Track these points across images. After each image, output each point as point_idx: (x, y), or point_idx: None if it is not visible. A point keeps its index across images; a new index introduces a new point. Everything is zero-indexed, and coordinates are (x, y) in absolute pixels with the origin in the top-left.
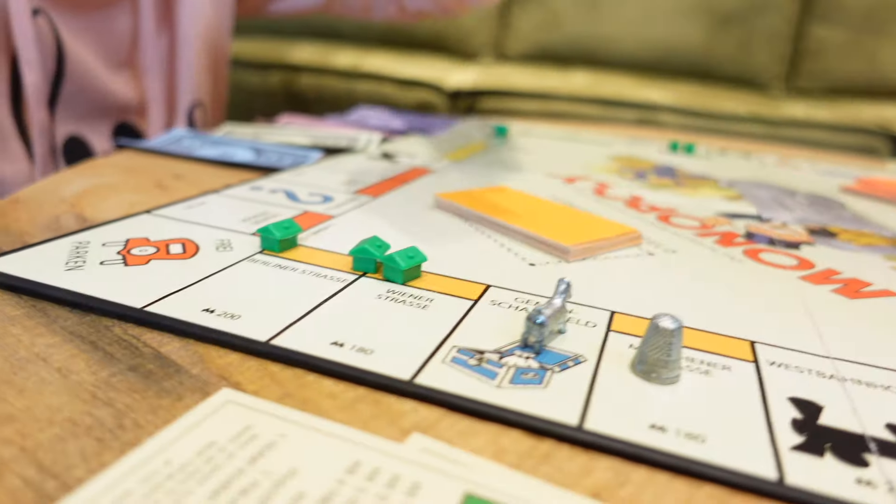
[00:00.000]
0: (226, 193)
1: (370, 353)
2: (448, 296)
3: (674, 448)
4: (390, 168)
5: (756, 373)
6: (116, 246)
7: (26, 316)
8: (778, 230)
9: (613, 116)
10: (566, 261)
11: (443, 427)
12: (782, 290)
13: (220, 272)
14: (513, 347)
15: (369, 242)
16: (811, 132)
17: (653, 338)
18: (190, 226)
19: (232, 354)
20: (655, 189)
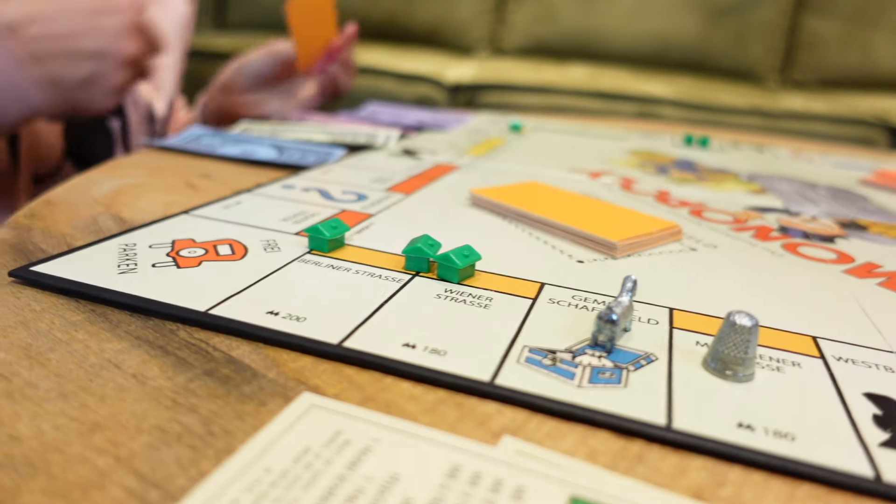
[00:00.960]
0: (259, 192)
1: (444, 354)
2: (506, 294)
3: (765, 446)
4: (415, 165)
5: (826, 368)
6: (164, 248)
7: (88, 321)
8: (809, 224)
9: (613, 110)
10: (613, 257)
11: (530, 429)
12: (829, 284)
13: (273, 273)
14: (583, 346)
15: (422, 241)
16: (809, 124)
17: (729, 335)
18: (232, 226)
19: (304, 358)
20: (680, 183)
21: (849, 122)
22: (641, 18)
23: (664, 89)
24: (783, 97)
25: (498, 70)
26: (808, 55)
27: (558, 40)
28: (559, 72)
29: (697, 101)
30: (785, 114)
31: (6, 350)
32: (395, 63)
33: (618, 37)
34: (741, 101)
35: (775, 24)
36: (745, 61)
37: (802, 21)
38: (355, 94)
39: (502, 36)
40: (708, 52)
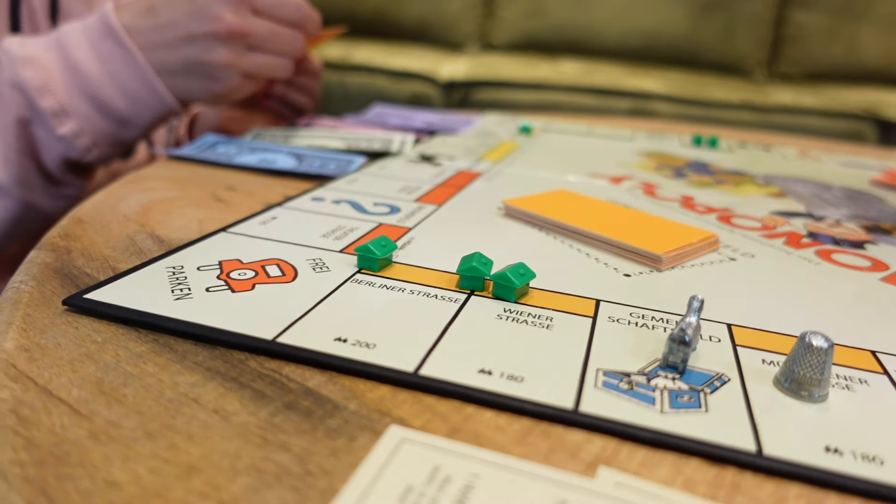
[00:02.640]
0: (290, 206)
1: (521, 380)
2: (565, 313)
3: (857, 471)
4: (437, 172)
5: (893, 385)
6: (213, 270)
7: (153, 352)
8: (835, 229)
9: (608, 106)
10: (658, 270)
11: (622, 458)
12: (871, 294)
13: (329, 296)
14: (655, 368)
15: (476, 260)
16: (800, 118)
17: (805, 356)
18: (274, 244)
19: (381, 387)
20: (700, 188)
21: (839, 116)
22: (630, 13)
23: (657, 84)
24: (772, 91)
25: (491, 66)
26: (795, 48)
27: (548, 35)
28: (552, 67)
29: (690, 96)
30: (776, 108)
31: (79, 386)
32: (386, 60)
33: (608, 31)
34: (733, 96)
35: (762, 17)
36: (732, 55)
37: (788, 14)
38: (348, 91)
39: (492, 31)
40: (696, 46)
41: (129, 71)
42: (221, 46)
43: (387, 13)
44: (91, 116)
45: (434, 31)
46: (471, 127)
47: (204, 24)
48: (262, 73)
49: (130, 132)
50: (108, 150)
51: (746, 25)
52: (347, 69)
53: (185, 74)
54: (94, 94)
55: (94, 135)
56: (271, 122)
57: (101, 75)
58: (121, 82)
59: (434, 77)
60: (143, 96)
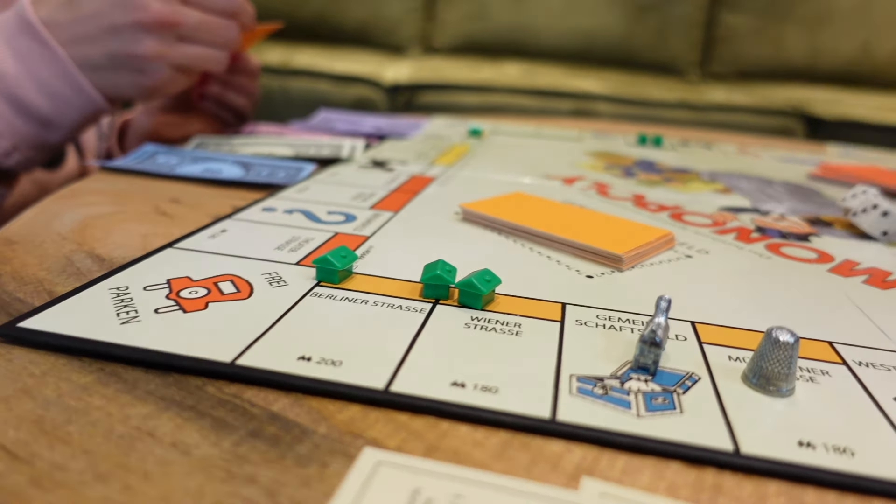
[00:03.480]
0: (240, 218)
1: (495, 391)
2: (532, 318)
3: (830, 464)
4: (390, 178)
5: (853, 375)
6: (161, 289)
7: (100, 383)
8: (781, 223)
9: (551, 107)
10: (619, 270)
11: (604, 467)
12: (821, 286)
13: (289, 312)
14: (627, 371)
15: (439, 268)
16: (733, 116)
17: (773, 352)
18: (226, 259)
19: (351, 407)
20: (650, 186)
21: (769, 113)
22: (569, 15)
23: (597, 85)
24: (705, 90)
25: (434, 69)
26: (725, 49)
27: (490, 38)
28: (494, 70)
29: (630, 96)
30: (710, 106)
31: (16, 426)
32: (328, 64)
33: (547, 34)
34: (669, 95)
35: (693, 19)
36: (667, 55)
37: (718, 16)
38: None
39: (434, 34)
40: (632, 48)
41: (50, 68)
42: (149, 37)
43: (327, 16)
44: (9, 118)
45: (375, 35)
46: (420, 131)
47: (129, 13)
48: (194, 66)
49: (55, 134)
50: (30, 155)
51: (679, 27)
52: (289, 74)
53: (110, 69)
54: (11, 95)
55: (14, 137)
56: (209, 126)
57: (18, 74)
58: (41, 81)
59: (378, 81)
60: (66, 95)
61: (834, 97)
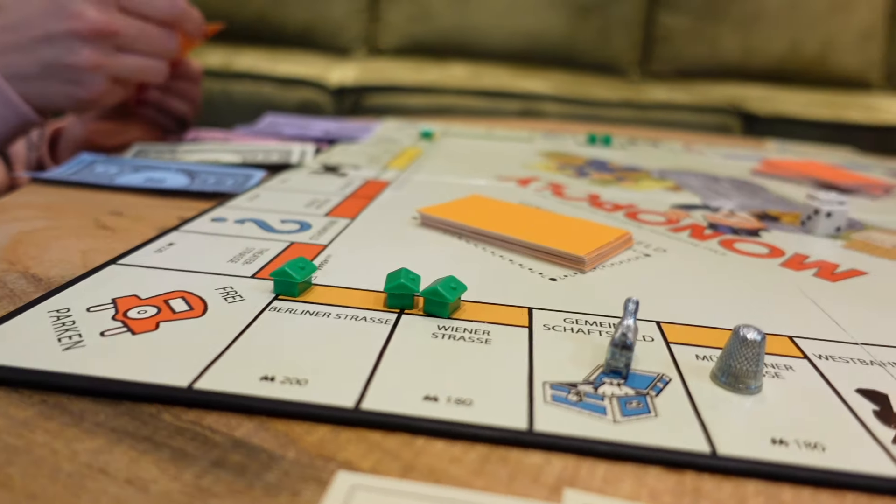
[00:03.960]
0: (188, 230)
1: (469, 403)
2: (500, 325)
3: (804, 461)
4: (344, 183)
5: (815, 369)
6: (106, 310)
7: (42, 416)
8: (731, 219)
9: (498, 107)
10: (581, 271)
11: (584, 476)
12: (775, 280)
13: (247, 329)
14: (599, 375)
15: (403, 276)
16: (674, 114)
17: (740, 350)
18: (175, 274)
19: (320, 428)
20: (603, 185)
21: (708, 111)
22: (512, 16)
23: (543, 85)
24: (647, 89)
25: (380, 71)
26: (664, 48)
27: (435, 39)
28: (441, 71)
29: (575, 95)
30: (652, 105)
31: None
32: (271, 66)
33: (492, 35)
34: (613, 95)
35: (633, 19)
36: (608, 55)
37: (656, 17)
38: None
39: (378, 36)
40: (575, 48)
41: None
42: (85, 47)
43: (269, 17)
44: None
45: (319, 36)
46: (371, 134)
47: (63, 21)
48: (132, 77)
49: None
50: None
51: (620, 28)
52: (230, 77)
53: (42, 79)
54: None
55: None
56: (149, 133)
57: None
58: None
59: (323, 83)
60: None
61: (767, 94)
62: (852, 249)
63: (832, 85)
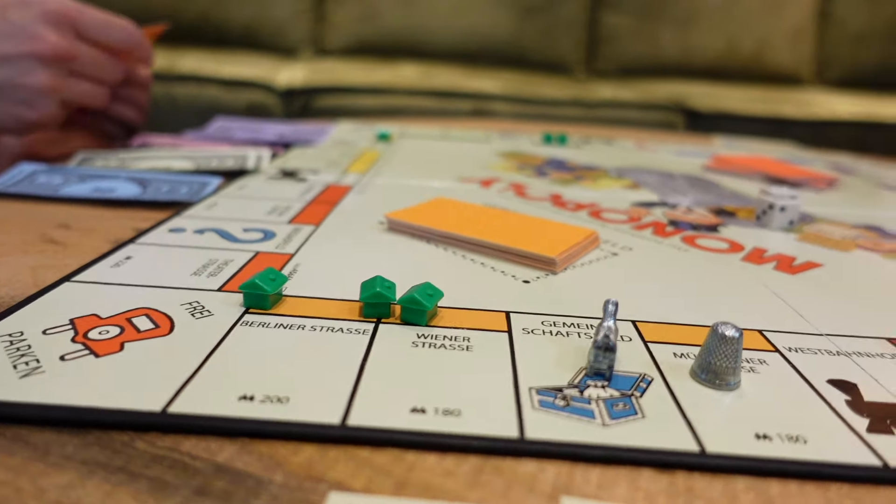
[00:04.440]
0: (145, 242)
1: (458, 414)
2: (480, 331)
3: (788, 454)
4: (304, 188)
5: (787, 363)
6: (64, 332)
7: (2, 451)
8: (689, 215)
9: (449, 107)
10: (553, 273)
11: (579, 482)
12: (739, 275)
13: (220, 346)
14: (584, 378)
15: (378, 284)
16: (620, 111)
17: (719, 347)
18: (137, 291)
19: (306, 447)
20: (563, 185)
21: (652, 108)
22: (459, 16)
23: (493, 85)
24: (593, 87)
25: (329, 72)
26: (608, 47)
27: (383, 39)
28: (391, 71)
29: (524, 95)
30: (599, 103)
31: None
32: (216, 68)
33: (441, 34)
34: (561, 93)
35: (577, 19)
36: (555, 54)
37: (600, 16)
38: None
39: (325, 36)
40: (522, 47)
41: None
42: (43, 69)
43: (211, 17)
44: None
45: (263, 37)
46: (326, 137)
47: (23, 43)
48: (78, 101)
49: None
50: None
51: (565, 27)
52: (174, 79)
53: None
54: None
55: None
56: (92, 141)
57: None
58: None
59: (271, 85)
60: None
61: (707, 91)
62: (806, 242)
63: (767, 81)
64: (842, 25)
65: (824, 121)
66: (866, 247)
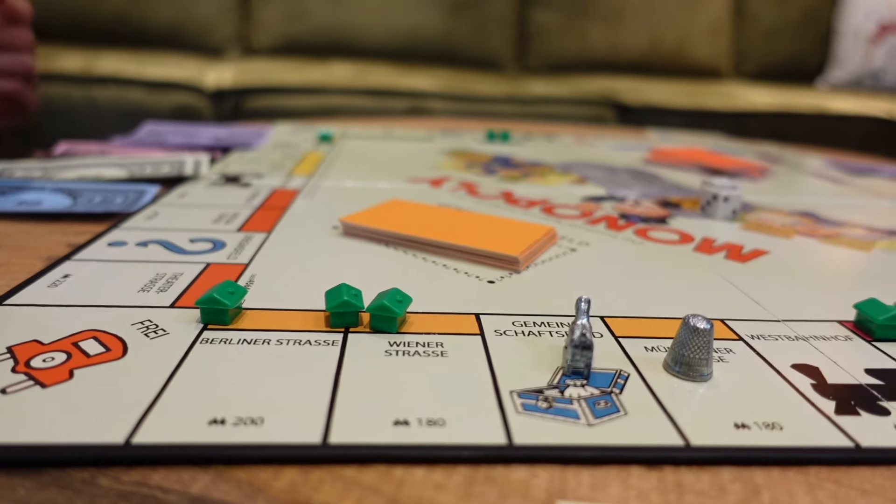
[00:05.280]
0: (83, 258)
1: (442, 424)
2: (452, 335)
3: (768, 441)
4: (250, 194)
5: (751, 350)
6: (3, 361)
7: None
8: (637, 208)
9: (385, 106)
10: (517, 271)
11: (572, 485)
12: (693, 265)
13: (180, 367)
14: (562, 378)
15: (345, 293)
16: (554, 107)
17: (692, 339)
18: (80, 312)
19: (287, 470)
20: (513, 182)
21: (583, 103)
22: (389, 14)
23: (428, 83)
24: (524, 83)
25: (259, 72)
26: (537, 44)
27: (312, 37)
28: (323, 70)
29: (460, 92)
30: (533, 99)
31: None
32: (139, 69)
33: (371, 33)
34: (495, 90)
35: (507, 16)
36: (486, 51)
37: (529, 13)
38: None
39: (252, 35)
40: (454, 44)
41: None
42: None
43: (129, 16)
44: None
45: (186, 36)
46: (265, 139)
47: None
48: None
49: None
50: None
51: (495, 24)
52: (93, 82)
53: None
54: None
55: None
56: None
57: None
58: None
59: (199, 86)
60: None
61: (634, 86)
62: (750, 230)
63: (689, 75)
64: (755, 21)
65: (745, 112)
66: (804, 233)
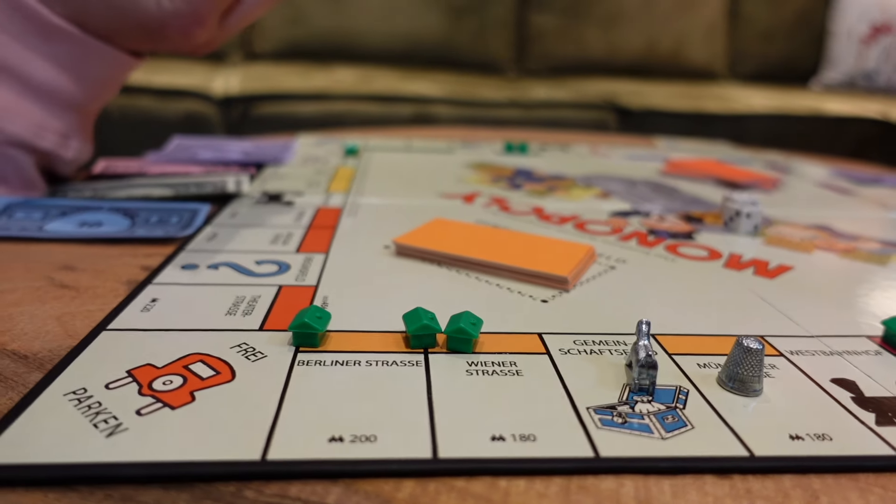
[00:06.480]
0: (163, 282)
1: (533, 439)
2: (521, 354)
3: (821, 451)
4: (296, 213)
5: (793, 365)
6: (126, 385)
7: None
8: (664, 223)
9: (391, 112)
10: (566, 291)
11: (656, 494)
12: (725, 282)
13: (287, 389)
14: (630, 395)
15: (422, 316)
16: (556, 112)
17: (745, 359)
18: (179, 336)
19: (406, 483)
20: (539, 197)
21: (585, 107)
22: (390, 18)
23: (432, 88)
24: (525, 87)
25: (264, 78)
26: (537, 47)
27: (313, 42)
28: (326, 76)
29: (463, 97)
30: (535, 103)
31: None
32: (146, 77)
33: (373, 37)
34: (497, 94)
35: (506, 19)
36: (486, 55)
37: (527, 17)
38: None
39: (253, 39)
40: (455, 48)
41: None
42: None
43: None
44: None
45: None
46: (293, 154)
47: None
48: None
49: None
50: None
51: (495, 27)
52: None
53: None
54: None
55: None
56: None
57: None
58: None
59: (207, 93)
60: None
61: (634, 88)
62: (772, 245)
63: (685, 76)
64: (750, 23)
65: (743, 114)
66: (823, 247)
